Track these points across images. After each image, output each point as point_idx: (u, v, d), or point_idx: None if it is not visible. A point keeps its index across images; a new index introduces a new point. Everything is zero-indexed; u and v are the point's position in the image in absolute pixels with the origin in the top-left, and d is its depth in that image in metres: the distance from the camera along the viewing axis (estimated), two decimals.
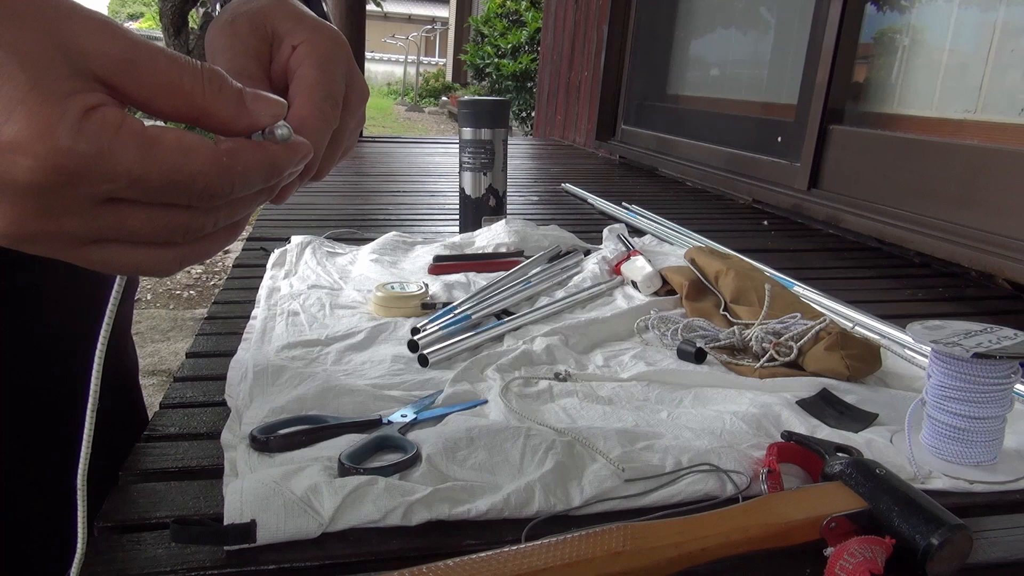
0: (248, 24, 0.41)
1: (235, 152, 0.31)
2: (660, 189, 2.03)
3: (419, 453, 0.53)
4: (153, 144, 0.28)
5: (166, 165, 0.29)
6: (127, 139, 0.28)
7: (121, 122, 0.28)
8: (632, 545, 0.40)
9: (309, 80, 0.39)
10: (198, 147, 0.30)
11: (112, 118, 0.28)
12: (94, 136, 0.27)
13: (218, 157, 0.30)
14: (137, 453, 0.55)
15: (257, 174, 0.32)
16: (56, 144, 0.27)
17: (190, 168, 0.29)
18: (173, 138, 0.29)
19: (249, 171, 0.31)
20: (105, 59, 0.28)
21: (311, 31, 0.41)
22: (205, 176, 0.30)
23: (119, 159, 0.28)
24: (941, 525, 0.42)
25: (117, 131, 0.28)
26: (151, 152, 0.28)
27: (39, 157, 0.27)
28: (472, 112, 1.20)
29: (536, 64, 5.41)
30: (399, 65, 15.29)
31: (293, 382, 0.64)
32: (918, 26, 1.52)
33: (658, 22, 2.59)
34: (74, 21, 0.28)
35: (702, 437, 0.57)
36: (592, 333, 0.80)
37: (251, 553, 0.44)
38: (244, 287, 0.94)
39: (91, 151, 0.27)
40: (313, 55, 0.40)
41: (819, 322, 0.74)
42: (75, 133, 0.27)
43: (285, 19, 0.41)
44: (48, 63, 0.27)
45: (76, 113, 0.27)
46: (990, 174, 1.22)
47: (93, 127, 0.27)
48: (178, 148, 0.29)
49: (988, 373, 0.54)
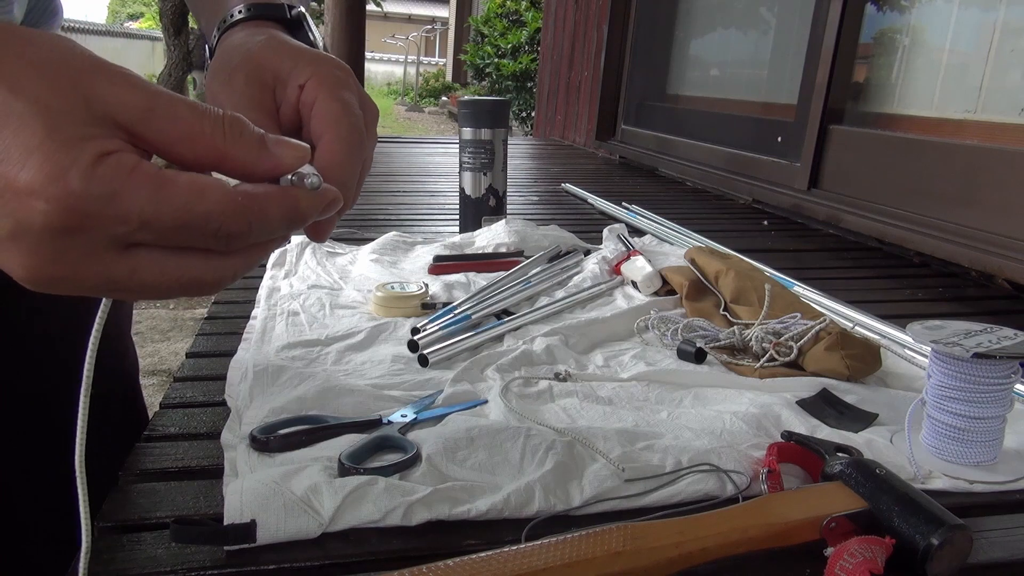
0: (245, 77, 0.41)
1: (252, 194, 0.31)
2: (660, 189, 2.03)
3: (419, 453, 0.53)
4: (166, 184, 0.29)
5: (178, 204, 0.29)
6: (140, 180, 0.28)
7: (135, 165, 0.29)
8: (632, 545, 0.40)
9: (330, 115, 0.39)
10: (212, 187, 0.30)
11: (126, 162, 0.28)
12: (106, 179, 0.28)
13: (233, 197, 0.30)
14: (137, 453, 0.55)
15: (278, 218, 0.32)
16: (68, 187, 0.27)
17: (203, 207, 0.29)
18: (187, 179, 0.29)
19: (268, 213, 0.31)
20: (126, 108, 0.29)
21: (313, 64, 0.41)
22: (219, 215, 0.30)
23: (131, 200, 0.28)
24: (941, 525, 0.42)
25: (130, 173, 0.28)
26: (163, 192, 0.29)
27: (52, 200, 0.27)
28: (472, 112, 1.20)
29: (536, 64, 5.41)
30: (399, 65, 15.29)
31: (293, 382, 0.64)
32: (918, 26, 1.52)
33: (658, 22, 2.59)
34: (98, 74, 0.29)
35: (702, 437, 0.57)
36: (592, 333, 0.80)
37: (251, 553, 0.44)
38: (244, 287, 0.94)
39: (103, 193, 0.28)
40: (324, 88, 0.40)
41: (819, 322, 0.74)
42: (87, 177, 0.27)
43: (282, 59, 0.41)
44: (67, 112, 0.28)
45: (89, 157, 0.27)
46: (990, 174, 1.22)
47: (106, 170, 0.28)
48: (191, 188, 0.29)
49: (988, 373, 0.54)
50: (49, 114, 0.27)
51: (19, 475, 0.64)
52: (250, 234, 0.31)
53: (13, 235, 0.28)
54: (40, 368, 0.63)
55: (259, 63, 0.41)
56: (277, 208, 0.32)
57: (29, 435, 0.64)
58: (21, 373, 0.63)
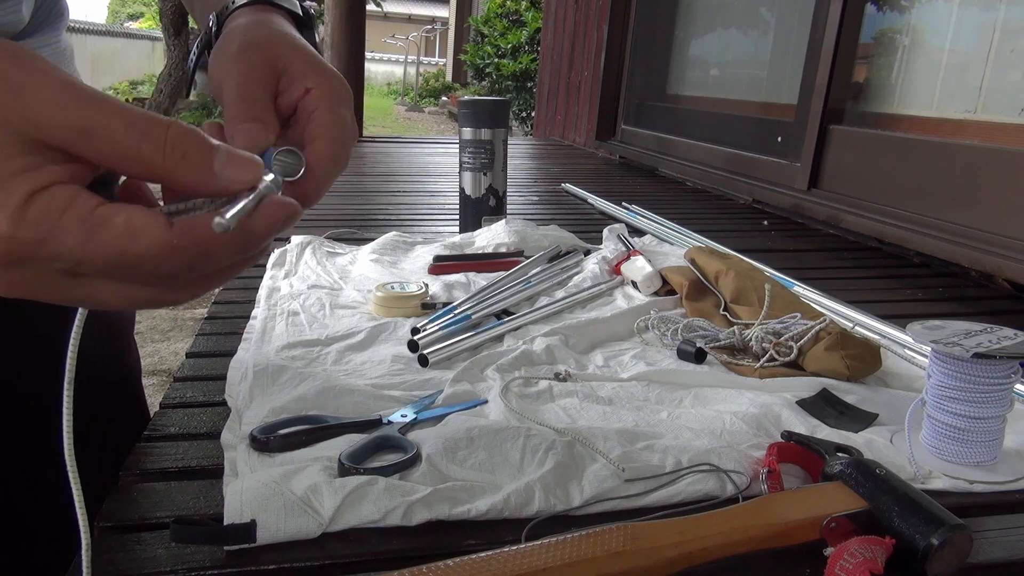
0: (261, 56, 0.42)
1: (189, 232, 0.30)
2: (660, 189, 2.03)
3: (419, 453, 0.53)
4: (98, 227, 0.28)
5: (109, 248, 0.28)
6: (70, 224, 0.28)
7: (67, 205, 0.28)
8: (632, 545, 0.40)
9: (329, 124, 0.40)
10: (146, 230, 0.29)
11: (58, 201, 0.28)
12: (35, 223, 0.28)
13: (167, 240, 0.29)
14: (137, 453, 0.55)
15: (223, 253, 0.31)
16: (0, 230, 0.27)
17: (135, 251, 0.29)
18: (122, 221, 0.29)
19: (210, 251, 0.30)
20: (58, 131, 0.28)
21: (323, 76, 0.42)
22: (153, 259, 0.29)
23: (62, 244, 0.28)
24: (941, 525, 0.42)
25: (61, 216, 0.28)
26: (95, 236, 0.28)
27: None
28: (472, 112, 1.20)
29: (536, 64, 5.41)
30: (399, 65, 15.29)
31: (293, 382, 0.64)
32: (918, 26, 1.52)
33: (658, 22, 2.59)
34: (26, 95, 0.28)
35: (702, 437, 0.57)
36: (592, 333, 0.80)
37: (251, 553, 0.44)
38: (244, 287, 0.94)
39: (33, 238, 0.28)
40: (328, 100, 0.41)
41: (819, 322, 0.74)
42: (16, 221, 0.27)
43: (296, 58, 0.42)
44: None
45: (19, 199, 0.27)
46: (990, 174, 1.22)
47: (35, 213, 0.28)
48: (125, 232, 0.29)
49: (988, 373, 0.54)
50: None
51: (19, 475, 0.64)
52: (191, 271, 0.31)
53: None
54: (40, 368, 0.63)
55: (275, 50, 0.42)
56: (221, 245, 0.31)
57: (29, 435, 0.63)
58: (21, 373, 0.63)
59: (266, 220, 0.31)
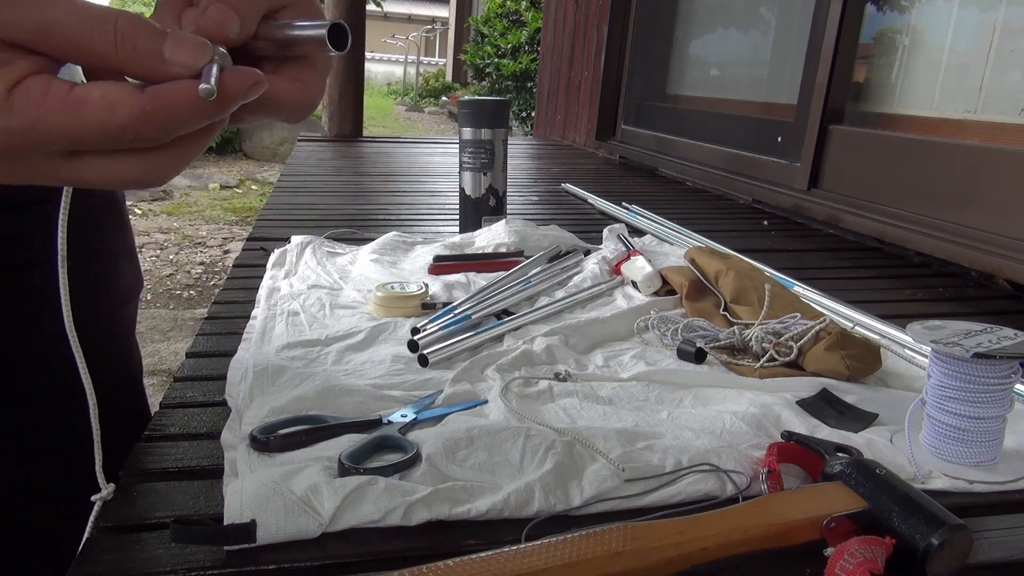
0: None
1: (160, 95, 0.31)
2: (660, 189, 2.03)
3: (419, 453, 0.53)
4: (79, 105, 0.30)
5: (94, 122, 0.30)
6: (53, 107, 0.30)
7: (46, 92, 0.30)
8: (632, 545, 0.40)
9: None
10: (122, 100, 0.30)
11: (36, 90, 0.30)
12: (21, 111, 0.29)
13: (142, 104, 0.31)
14: (137, 453, 0.55)
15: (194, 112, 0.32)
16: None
17: (116, 121, 0.30)
18: (98, 96, 0.30)
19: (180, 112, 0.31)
20: (17, 28, 0.29)
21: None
22: (133, 127, 0.31)
23: (50, 126, 0.30)
24: (941, 525, 0.42)
25: (43, 100, 0.30)
26: (78, 114, 0.30)
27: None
28: (472, 112, 1.20)
29: (536, 64, 5.41)
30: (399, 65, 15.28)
31: (293, 382, 0.64)
32: (918, 26, 1.52)
33: (658, 22, 2.59)
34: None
35: (702, 437, 0.57)
36: (592, 333, 0.80)
37: (251, 553, 0.44)
38: (244, 287, 0.94)
39: (22, 125, 0.29)
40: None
41: (819, 322, 0.74)
42: (3, 113, 0.29)
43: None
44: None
45: (0, 92, 0.29)
46: (990, 174, 1.22)
47: (18, 103, 0.29)
48: (102, 105, 0.30)
49: (988, 373, 0.54)
50: None
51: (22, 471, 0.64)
52: (168, 133, 0.32)
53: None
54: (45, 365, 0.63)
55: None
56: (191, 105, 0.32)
57: (31, 434, 0.63)
58: (26, 370, 0.63)
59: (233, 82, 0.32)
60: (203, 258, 3.96)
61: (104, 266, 0.69)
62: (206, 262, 3.90)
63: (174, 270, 3.73)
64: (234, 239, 4.26)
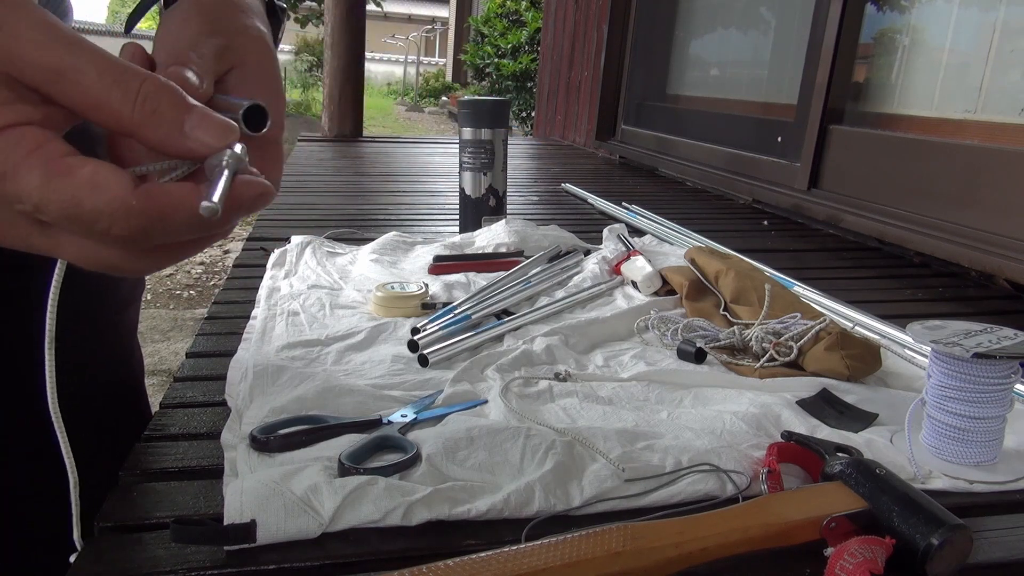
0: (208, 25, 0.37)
1: (150, 196, 0.29)
2: (660, 189, 2.03)
3: (419, 453, 0.52)
4: (61, 174, 0.28)
5: (66, 196, 0.28)
6: (33, 164, 0.27)
7: (35, 147, 0.28)
8: (632, 545, 0.40)
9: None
10: (107, 185, 0.28)
11: (27, 141, 0.28)
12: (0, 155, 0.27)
13: (126, 199, 0.28)
14: (137, 453, 0.55)
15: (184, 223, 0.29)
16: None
17: (92, 204, 0.28)
18: (87, 172, 0.28)
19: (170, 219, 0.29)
20: (31, 68, 0.27)
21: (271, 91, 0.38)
22: (108, 216, 0.28)
23: (22, 182, 0.27)
24: (941, 525, 0.42)
25: (27, 155, 0.27)
26: (55, 181, 0.28)
27: None
28: (472, 112, 1.20)
29: (536, 64, 5.41)
30: (399, 65, 15.28)
31: (293, 382, 0.64)
32: (918, 26, 1.52)
33: (658, 22, 2.59)
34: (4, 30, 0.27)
35: (702, 437, 0.57)
36: (592, 333, 0.80)
37: (251, 553, 0.44)
38: (244, 287, 0.94)
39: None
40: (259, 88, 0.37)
41: (819, 322, 0.74)
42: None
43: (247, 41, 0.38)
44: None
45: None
46: (990, 174, 1.22)
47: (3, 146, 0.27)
48: (86, 183, 0.28)
49: (988, 373, 0.54)
50: None
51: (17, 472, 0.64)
52: (148, 238, 0.29)
53: None
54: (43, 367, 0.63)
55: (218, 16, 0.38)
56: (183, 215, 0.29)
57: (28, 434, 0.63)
58: (21, 371, 0.63)
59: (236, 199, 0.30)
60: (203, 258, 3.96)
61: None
62: (206, 262, 3.90)
63: (174, 270, 3.73)
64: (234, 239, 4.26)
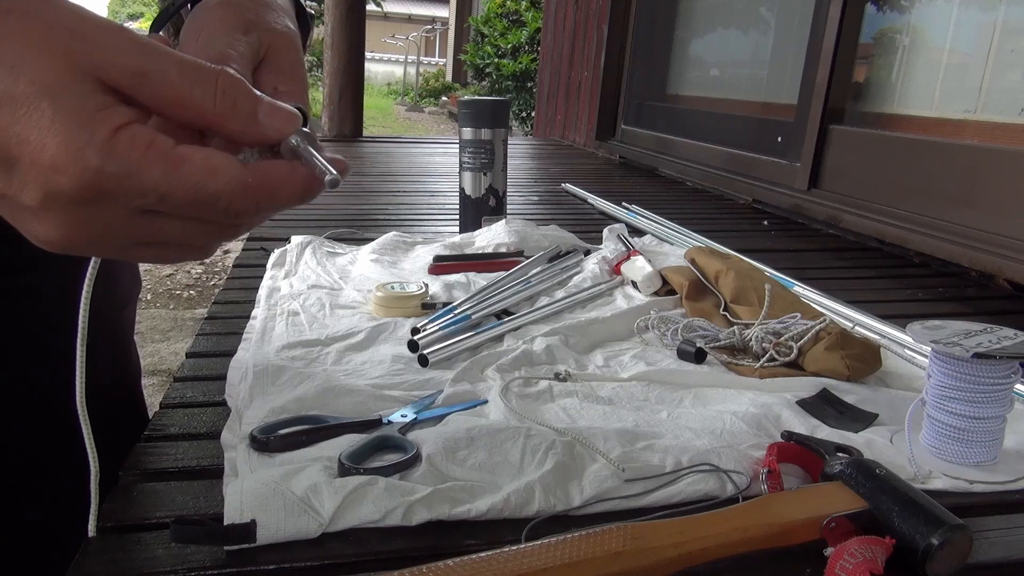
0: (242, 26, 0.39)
1: (264, 174, 0.32)
2: (660, 189, 2.03)
3: (419, 453, 0.52)
4: (180, 163, 0.30)
5: (190, 183, 0.30)
6: (154, 159, 0.29)
7: (150, 142, 0.30)
8: (632, 545, 0.40)
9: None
10: (224, 167, 0.31)
11: (141, 138, 0.29)
12: (123, 156, 0.29)
13: (243, 178, 0.31)
14: (137, 453, 0.55)
15: (288, 195, 0.33)
16: (88, 164, 0.28)
17: (213, 187, 0.31)
18: (201, 158, 0.30)
19: (278, 194, 0.32)
20: (117, 72, 0.29)
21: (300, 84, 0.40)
22: (229, 195, 0.31)
23: (147, 178, 0.29)
24: (941, 525, 0.42)
25: (146, 151, 0.29)
26: (177, 171, 0.30)
27: (74, 176, 0.28)
28: (472, 112, 1.20)
29: (536, 64, 5.41)
30: (399, 65, 15.28)
31: (293, 382, 0.64)
32: (918, 26, 1.52)
33: (658, 22, 2.59)
34: (86, 39, 0.29)
35: (702, 437, 0.57)
36: (592, 333, 0.80)
37: (251, 553, 0.44)
38: (244, 287, 0.94)
39: (120, 171, 0.29)
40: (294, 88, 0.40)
41: (819, 322, 0.74)
42: (105, 154, 0.29)
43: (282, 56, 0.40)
44: (69, 86, 0.28)
45: (105, 134, 0.29)
46: (990, 174, 1.22)
47: (122, 147, 0.29)
48: (204, 168, 0.30)
49: (988, 373, 0.54)
50: (54, 92, 0.28)
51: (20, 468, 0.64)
52: (257, 212, 0.33)
53: (44, 205, 0.29)
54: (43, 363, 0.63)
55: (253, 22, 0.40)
56: (288, 189, 0.33)
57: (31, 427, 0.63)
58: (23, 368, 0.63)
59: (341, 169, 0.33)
60: None
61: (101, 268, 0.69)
62: (206, 262, 3.90)
63: (174, 270, 3.73)
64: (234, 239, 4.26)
